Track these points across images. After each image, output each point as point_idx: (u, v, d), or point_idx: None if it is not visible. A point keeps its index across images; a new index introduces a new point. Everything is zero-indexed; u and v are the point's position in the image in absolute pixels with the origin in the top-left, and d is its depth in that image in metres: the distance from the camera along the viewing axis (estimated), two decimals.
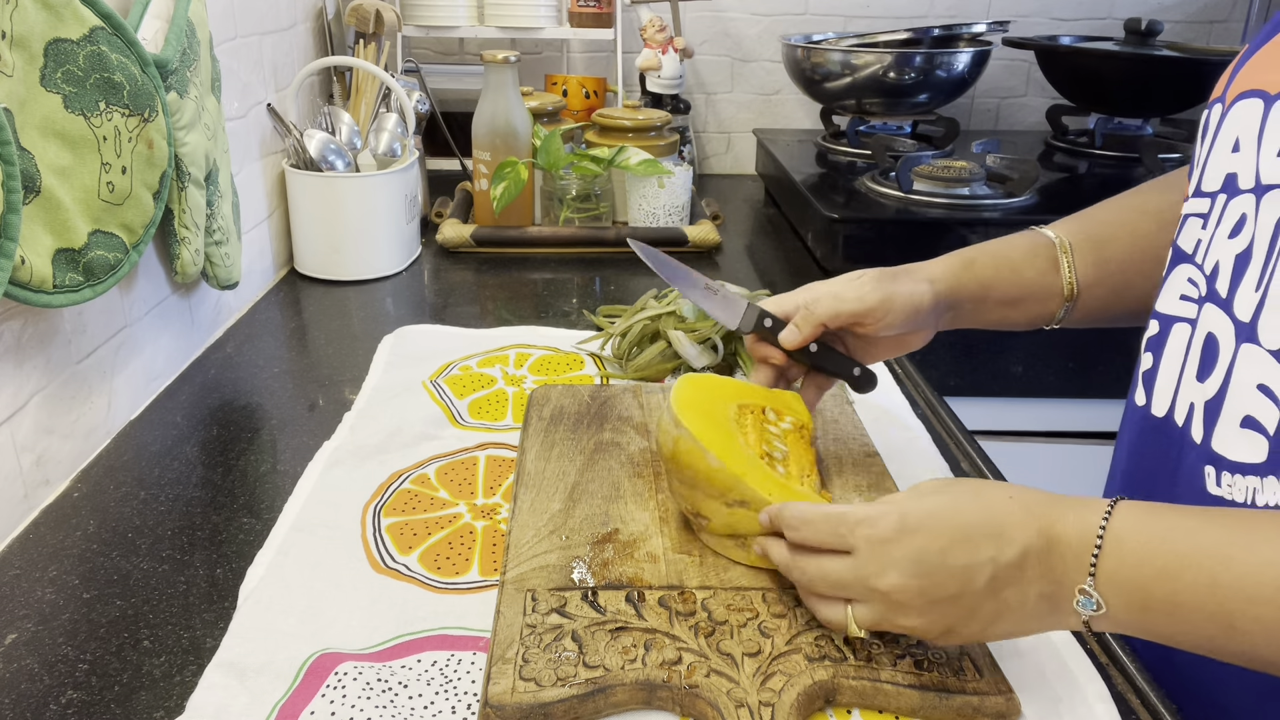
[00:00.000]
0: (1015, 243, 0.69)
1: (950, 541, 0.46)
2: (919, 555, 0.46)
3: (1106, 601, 0.44)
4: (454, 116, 1.41)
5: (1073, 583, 0.45)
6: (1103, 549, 0.44)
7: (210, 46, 0.88)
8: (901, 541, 0.47)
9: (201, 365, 0.91)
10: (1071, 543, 0.45)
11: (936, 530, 0.47)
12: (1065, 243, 0.68)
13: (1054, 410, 1.34)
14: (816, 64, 1.55)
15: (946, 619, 0.47)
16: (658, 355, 0.86)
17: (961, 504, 0.48)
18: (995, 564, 0.45)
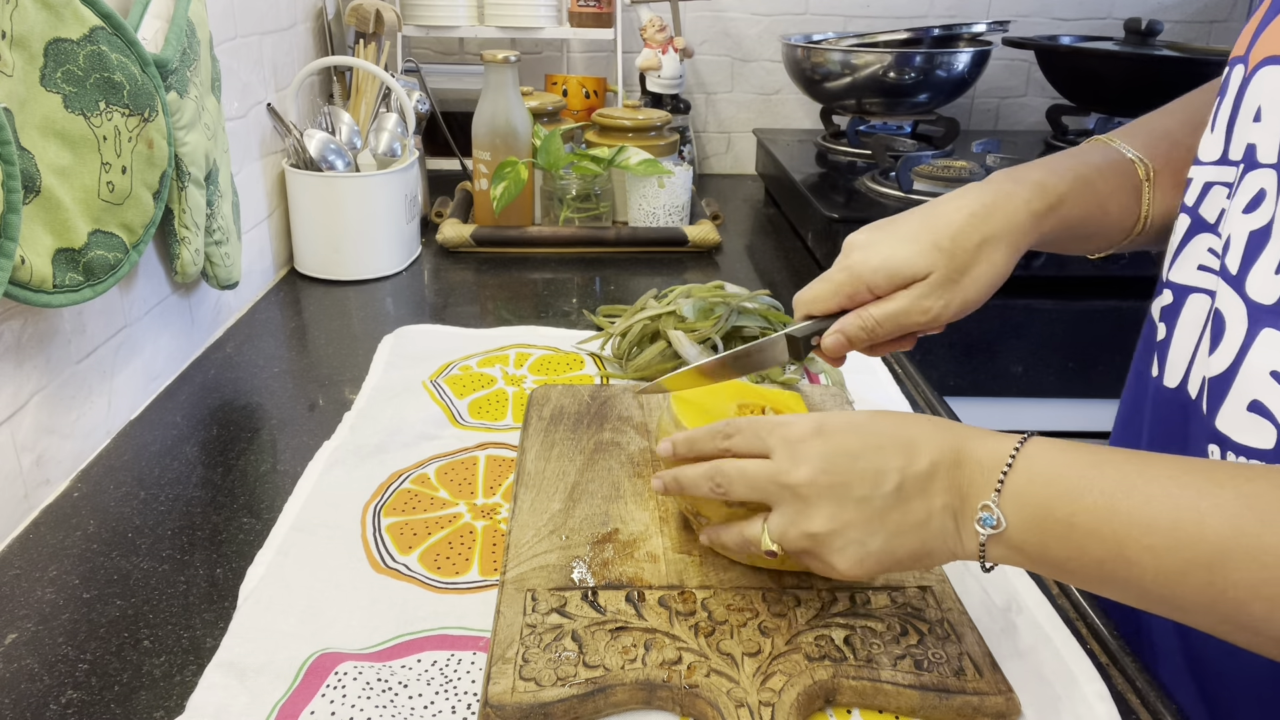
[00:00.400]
0: (1105, 172, 0.60)
1: (863, 446, 0.48)
2: (831, 453, 0.48)
3: (1007, 518, 0.44)
4: (454, 116, 1.41)
5: (978, 498, 0.45)
6: (1013, 467, 0.44)
7: (210, 46, 0.88)
8: (815, 440, 0.48)
9: (201, 365, 0.91)
10: (982, 461, 0.46)
11: (851, 435, 0.48)
12: (1150, 171, 0.61)
13: (1054, 410, 1.34)
14: (816, 64, 1.55)
15: (853, 527, 0.47)
16: (658, 355, 0.86)
17: (880, 418, 0.50)
18: (903, 473, 0.46)
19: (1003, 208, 0.56)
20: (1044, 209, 0.57)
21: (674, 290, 0.93)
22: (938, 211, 0.57)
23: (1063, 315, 1.27)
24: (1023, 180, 0.58)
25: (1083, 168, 0.59)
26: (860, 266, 0.57)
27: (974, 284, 0.56)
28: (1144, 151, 0.61)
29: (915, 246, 0.56)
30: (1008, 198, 0.56)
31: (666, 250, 1.26)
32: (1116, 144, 0.61)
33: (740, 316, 0.88)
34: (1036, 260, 1.25)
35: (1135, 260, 1.25)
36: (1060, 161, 0.60)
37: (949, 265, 0.55)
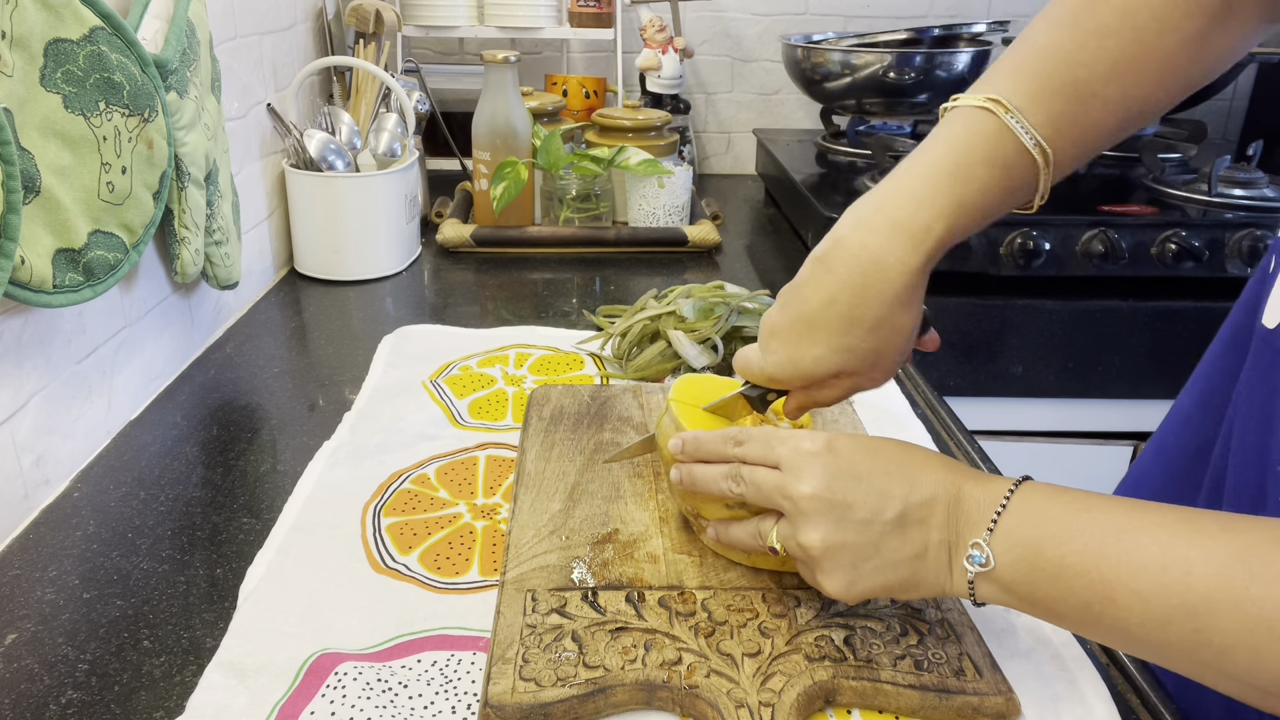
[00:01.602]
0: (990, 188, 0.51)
1: (869, 469, 0.48)
2: (836, 471, 0.48)
3: (996, 558, 0.45)
4: (454, 116, 1.41)
5: (971, 536, 0.46)
6: (1006, 508, 0.45)
7: (210, 46, 0.88)
8: (824, 456, 0.49)
9: (201, 365, 0.91)
10: (980, 500, 0.46)
11: (858, 457, 0.49)
12: (1050, 158, 0.51)
13: (1054, 410, 1.34)
14: (816, 64, 1.55)
15: (847, 549, 0.47)
16: (658, 355, 0.86)
17: (888, 444, 0.50)
18: (906, 501, 0.47)
19: (877, 286, 0.51)
20: (922, 262, 0.51)
21: (674, 290, 0.93)
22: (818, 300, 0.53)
23: (1063, 315, 1.27)
24: (893, 233, 0.51)
25: (964, 189, 0.51)
26: (776, 372, 0.55)
27: (892, 354, 0.53)
28: (1050, 126, 0.50)
29: (815, 351, 0.53)
30: (878, 269, 0.51)
31: (666, 250, 1.26)
32: (1013, 121, 0.50)
33: (740, 316, 0.88)
34: (1036, 260, 1.25)
35: (1136, 260, 1.25)
36: (938, 182, 0.51)
37: (858, 360, 0.53)
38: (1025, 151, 0.50)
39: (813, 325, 0.53)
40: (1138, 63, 0.50)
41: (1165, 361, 1.30)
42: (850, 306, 0.51)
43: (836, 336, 0.52)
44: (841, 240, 0.52)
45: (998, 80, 0.52)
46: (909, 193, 0.51)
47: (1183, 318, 1.28)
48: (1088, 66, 0.50)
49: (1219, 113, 1.85)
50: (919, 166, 0.52)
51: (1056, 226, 1.25)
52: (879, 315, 0.51)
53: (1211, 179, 1.33)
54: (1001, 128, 0.50)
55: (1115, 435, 1.37)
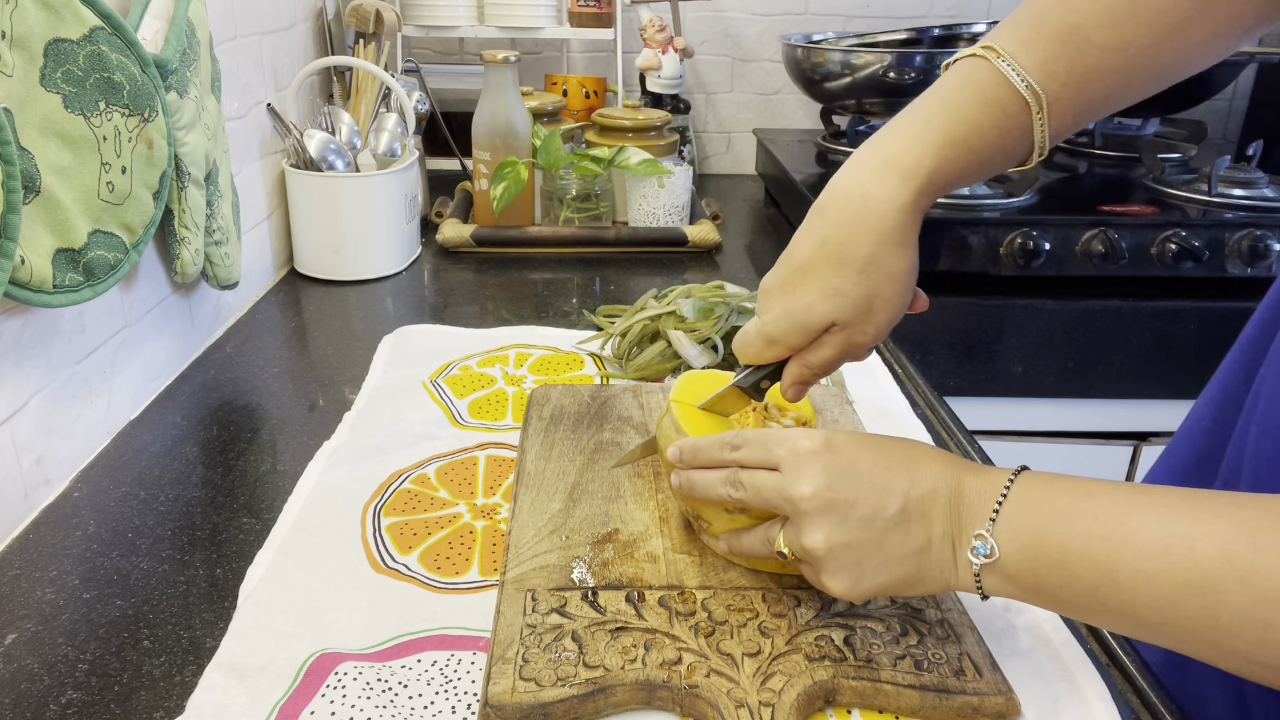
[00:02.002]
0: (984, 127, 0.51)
1: (869, 465, 0.48)
2: (836, 469, 0.48)
3: (1000, 548, 0.44)
4: (454, 116, 1.41)
5: (973, 527, 0.46)
6: (1007, 497, 0.45)
7: (210, 46, 0.88)
8: (822, 455, 0.48)
9: (201, 365, 0.91)
10: (980, 492, 0.46)
11: (857, 453, 0.48)
12: (1044, 101, 0.50)
13: (1054, 410, 1.35)
14: (816, 64, 1.55)
15: (851, 548, 0.47)
16: (658, 355, 0.86)
17: (886, 440, 0.50)
18: (907, 495, 0.47)
19: (867, 222, 0.51)
20: (913, 196, 0.50)
21: (674, 290, 0.93)
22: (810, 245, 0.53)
23: (1063, 315, 1.27)
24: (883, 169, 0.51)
25: (954, 126, 0.50)
26: (773, 330, 0.55)
27: (886, 302, 0.52)
28: (1042, 69, 0.50)
29: (808, 297, 0.53)
30: (867, 204, 0.51)
31: (666, 250, 1.26)
32: (1005, 64, 0.50)
33: (740, 316, 0.88)
34: (1036, 260, 1.25)
35: (1136, 260, 1.25)
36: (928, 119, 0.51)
37: (851, 306, 0.52)
38: (1017, 93, 0.50)
39: (805, 271, 0.53)
40: (1133, 9, 0.49)
41: (1165, 361, 1.30)
42: (840, 245, 0.51)
43: (827, 279, 0.52)
44: (834, 183, 0.53)
45: (996, 34, 0.52)
46: (900, 131, 0.52)
47: (1182, 318, 1.28)
48: (1079, 12, 0.50)
49: (1219, 113, 1.85)
50: (913, 108, 0.52)
51: (1056, 226, 1.25)
52: (870, 254, 0.51)
53: (1211, 179, 1.33)
54: (993, 70, 0.50)
55: (1115, 435, 1.37)
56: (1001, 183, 1.35)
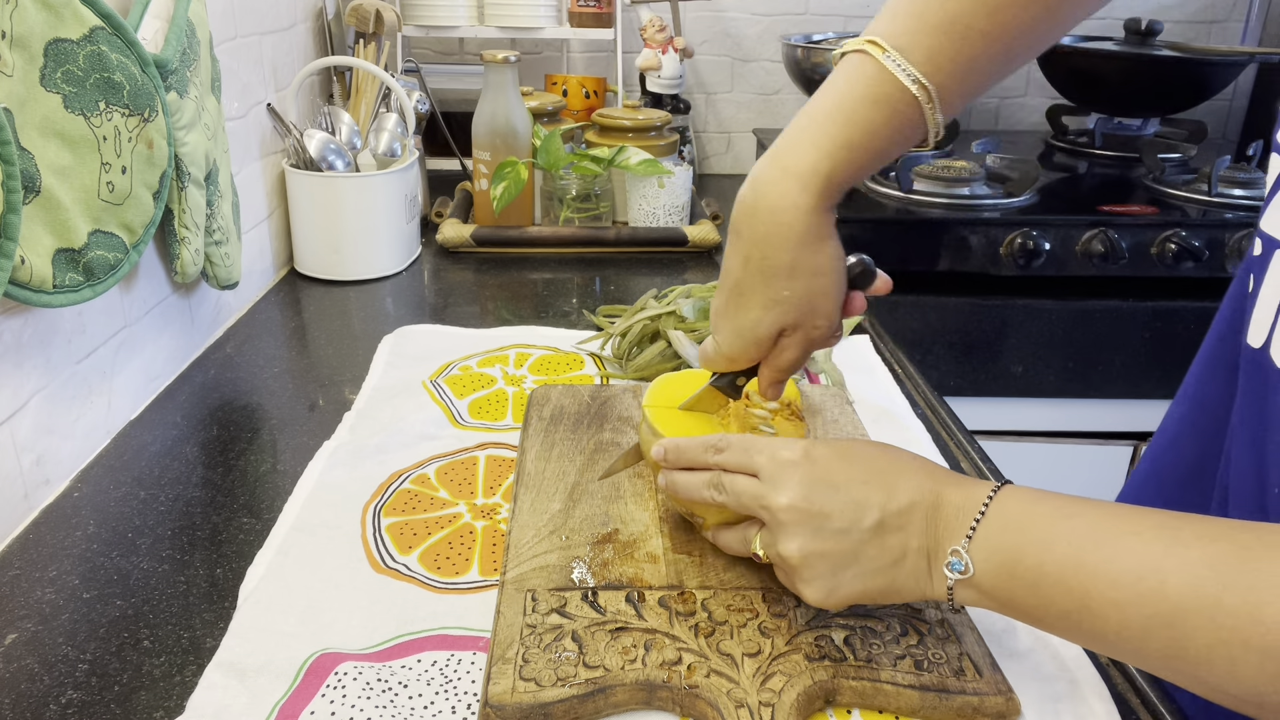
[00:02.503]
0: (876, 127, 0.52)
1: (846, 478, 0.48)
2: (813, 480, 0.48)
3: (975, 565, 0.45)
4: (454, 116, 1.41)
5: (950, 542, 0.46)
6: (985, 515, 0.45)
7: (210, 46, 0.88)
8: (801, 466, 0.49)
9: (201, 365, 0.91)
10: (959, 506, 0.46)
11: (836, 465, 0.49)
12: (933, 93, 0.51)
13: (1054, 410, 1.35)
14: (816, 64, 1.55)
15: (826, 558, 0.48)
16: (658, 355, 0.86)
17: (867, 450, 0.50)
18: (883, 509, 0.47)
19: (780, 233, 0.53)
20: (815, 201, 0.52)
21: (674, 290, 0.93)
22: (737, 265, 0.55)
23: (1063, 315, 1.27)
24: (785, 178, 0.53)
25: (849, 130, 0.52)
26: (730, 348, 0.57)
27: (825, 296, 0.54)
28: (929, 62, 0.51)
29: (753, 313, 0.55)
30: (775, 216, 0.53)
31: (666, 250, 1.26)
32: (891, 60, 0.51)
33: None
34: (1037, 260, 1.25)
35: (1135, 260, 1.25)
36: (823, 125, 0.53)
37: (793, 310, 0.54)
38: (905, 89, 0.51)
39: (740, 289, 0.54)
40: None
41: (1165, 361, 1.30)
42: (762, 259, 0.53)
43: (762, 291, 0.53)
44: (741, 200, 0.54)
45: (878, 23, 0.53)
46: (796, 140, 0.53)
47: (1183, 318, 1.28)
48: (960, 2, 0.51)
49: (1219, 113, 1.85)
50: (806, 115, 0.54)
51: (1056, 226, 1.25)
52: (791, 259, 0.53)
53: (1211, 179, 1.33)
54: (880, 68, 0.51)
55: (1115, 435, 1.37)
56: (1001, 182, 1.35)
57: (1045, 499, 0.45)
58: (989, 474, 0.74)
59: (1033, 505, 0.45)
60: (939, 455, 0.75)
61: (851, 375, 0.87)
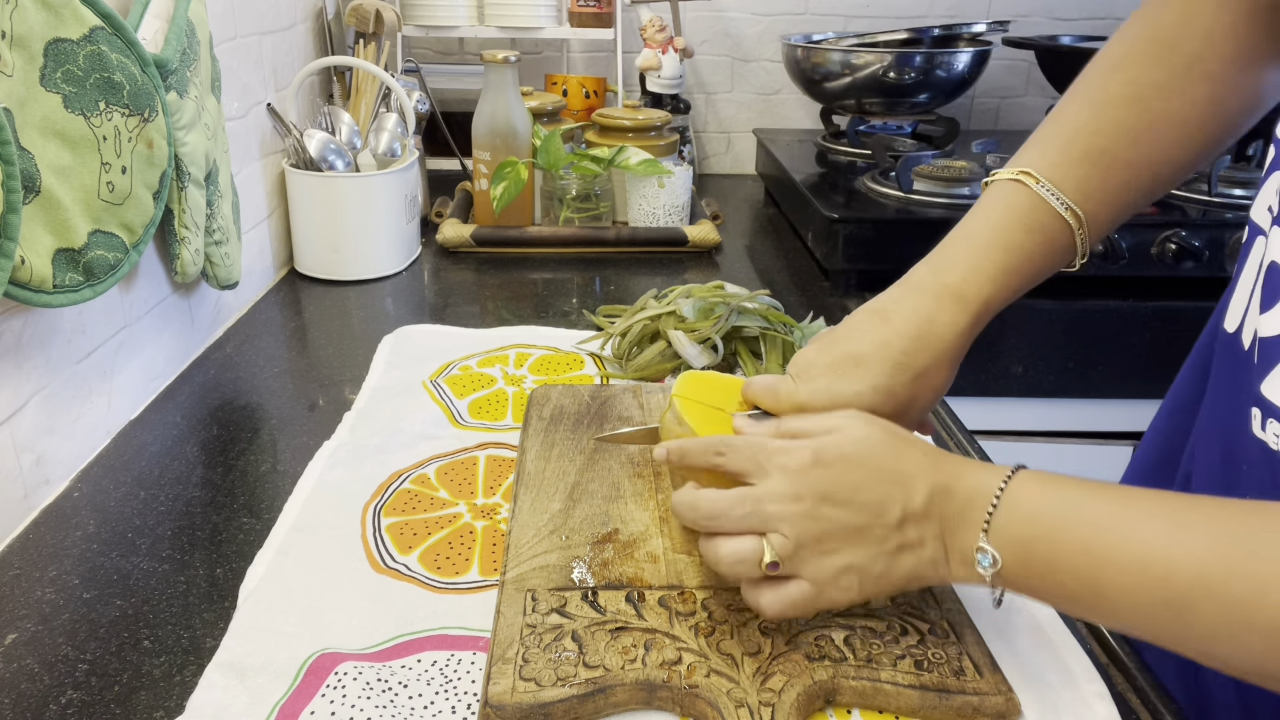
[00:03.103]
0: (1032, 253, 0.56)
1: (862, 479, 0.48)
2: (831, 488, 0.48)
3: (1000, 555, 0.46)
4: (454, 116, 1.41)
5: (965, 528, 0.46)
6: (999, 505, 0.46)
7: (210, 46, 0.88)
8: (814, 472, 0.48)
9: (201, 365, 0.91)
10: (970, 493, 0.47)
11: (849, 467, 0.48)
12: (1083, 219, 0.56)
13: (1054, 410, 1.34)
14: (816, 64, 1.55)
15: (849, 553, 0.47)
16: (658, 355, 0.86)
17: (873, 446, 0.49)
18: (905, 506, 0.47)
19: (929, 339, 0.55)
20: (970, 323, 0.55)
21: (674, 290, 0.93)
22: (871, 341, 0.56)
23: (1063, 315, 1.27)
24: (946, 296, 0.55)
25: (1007, 255, 0.55)
26: (810, 401, 0.55)
27: (920, 410, 0.56)
28: (1078, 190, 0.55)
29: (858, 386, 0.54)
30: (931, 325, 0.55)
31: (666, 250, 1.26)
32: (1044, 190, 0.55)
33: (740, 316, 0.88)
34: None
35: (1136, 260, 1.25)
36: (983, 251, 0.56)
37: (892, 404, 0.55)
38: (1058, 216, 0.55)
39: (860, 362, 0.55)
40: (1151, 129, 0.55)
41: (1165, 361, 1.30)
42: (903, 353, 0.54)
43: (881, 377, 0.54)
44: (898, 298, 0.57)
45: (1026, 155, 0.57)
46: (959, 261, 0.56)
47: (1183, 318, 1.28)
48: (1105, 135, 0.55)
49: None
50: (966, 238, 0.57)
51: None
52: (925, 366, 0.54)
53: (1211, 179, 1.33)
54: (1034, 197, 0.55)
55: (1115, 435, 1.37)
56: None
57: (1055, 485, 0.46)
58: None
59: (1042, 493, 0.45)
60: None
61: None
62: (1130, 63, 0.57)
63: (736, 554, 0.48)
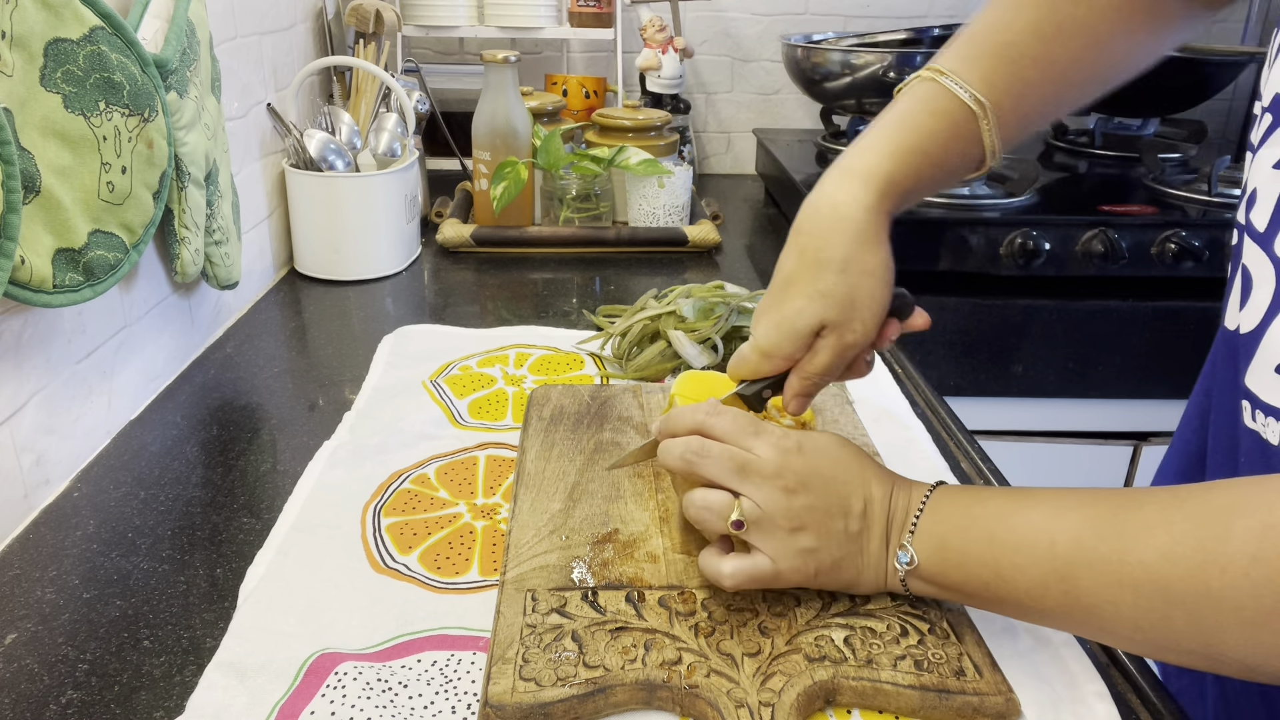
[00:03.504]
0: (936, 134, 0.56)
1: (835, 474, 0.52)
2: (810, 475, 0.51)
3: (918, 555, 0.50)
4: (454, 116, 1.41)
5: (898, 535, 0.51)
6: (924, 512, 0.51)
7: (210, 46, 0.88)
8: (799, 457, 0.52)
9: (201, 365, 0.91)
10: (905, 504, 0.52)
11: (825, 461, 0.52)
12: (988, 110, 0.56)
13: (1053, 410, 1.35)
14: (816, 64, 1.55)
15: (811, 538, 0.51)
16: (658, 355, 0.86)
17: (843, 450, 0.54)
18: (865, 504, 0.52)
19: (836, 225, 0.55)
20: (876, 198, 0.55)
21: (674, 290, 0.93)
22: (791, 259, 0.57)
23: (1063, 315, 1.27)
24: (845, 177, 0.56)
25: (907, 135, 0.56)
26: (765, 342, 0.57)
27: (869, 299, 0.56)
28: (984, 81, 0.56)
29: (795, 304, 0.56)
30: (835, 210, 0.55)
31: (666, 250, 1.26)
32: (948, 81, 0.56)
33: (740, 316, 0.88)
34: (1036, 260, 1.25)
35: (1136, 260, 1.25)
36: (883, 131, 0.57)
37: (835, 306, 0.55)
38: (961, 102, 0.56)
39: (789, 281, 0.56)
40: (1060, 30, 0.56)
41: (1165, 361, 1.30)
42: (817, 250, 0.55)
43: (810, 283, 0.55)
44: (805, 201, 0.57)
45: (938, 57, 0.58)
46: (859, 145, 0.57)
47: (1183, 318, 1.28)
48: (1012, 31, 0.56)
49: (1219, 113, 1.85)
50: (870, 127, 0.58)
51: (1056, 226, 1.25)
52: (845, 254, 0.55)
53: (1211, 179, 1.33)
54: (939, 86, 0.56)
55: (1115, 435, 1.37)
56: (1001, 182, 1.35)
57: (967, 491, 0.51)
58: (989, 474, 0.74)
59: (956, 497, 0.51)
60: (939, 455, 0.75)
61: None
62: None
63: (707, 502, 0.52)
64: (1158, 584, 0.41)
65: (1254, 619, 0.38)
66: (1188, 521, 0.41)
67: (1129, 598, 0.42)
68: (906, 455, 0.74)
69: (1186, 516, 0.41)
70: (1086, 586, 0.43)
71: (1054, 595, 0.45)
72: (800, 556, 0.51)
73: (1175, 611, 0.40)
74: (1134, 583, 0.41)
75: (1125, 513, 0.43)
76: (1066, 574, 0.44)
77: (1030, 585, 0.46)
